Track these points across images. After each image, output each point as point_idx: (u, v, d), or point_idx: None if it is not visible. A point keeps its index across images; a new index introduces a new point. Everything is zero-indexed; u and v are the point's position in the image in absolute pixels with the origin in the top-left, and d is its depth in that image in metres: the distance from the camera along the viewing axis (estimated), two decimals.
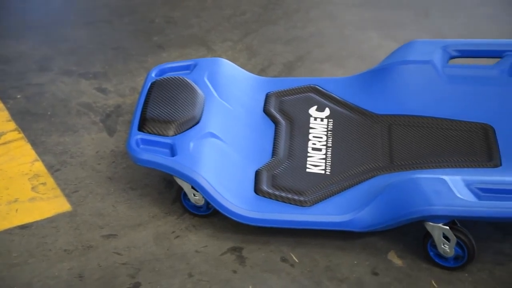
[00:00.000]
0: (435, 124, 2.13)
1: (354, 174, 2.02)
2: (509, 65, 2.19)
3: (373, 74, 2.26)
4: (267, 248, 1.97)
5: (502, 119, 2.10)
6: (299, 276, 1.90)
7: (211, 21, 2.81)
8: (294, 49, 2.68)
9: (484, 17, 2.75)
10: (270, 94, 2.28)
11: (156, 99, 2.13)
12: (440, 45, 2.24)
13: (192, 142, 2.03)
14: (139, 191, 2.14)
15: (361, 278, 1.89)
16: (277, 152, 2.09)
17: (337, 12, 2.84)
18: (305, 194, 1.98)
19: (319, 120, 2.19)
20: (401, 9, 2.82)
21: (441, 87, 2.19)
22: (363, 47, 2.67)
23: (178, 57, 2.65)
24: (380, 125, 2.15)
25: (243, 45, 2.70)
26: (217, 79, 2.24)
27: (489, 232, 1.97)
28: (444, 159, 2.03)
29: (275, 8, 2.88)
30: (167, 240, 2.00)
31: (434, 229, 1.85)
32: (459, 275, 1.87)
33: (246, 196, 1.98)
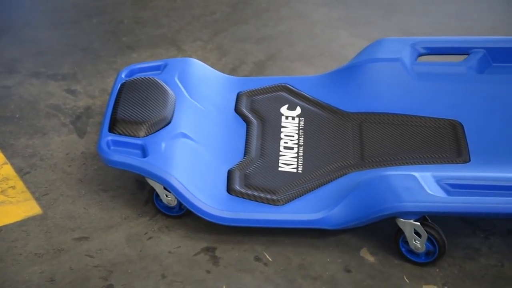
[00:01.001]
0: (405, 121, 2.15)
1: (325, 172, 2.03)
2: (476, 62, 2.22)
3: (343, 72, 2.27)
4: (241, 247, 1.97)
5: (470, 115, 2.13)
6: (272, 275, 1.91)
7: (181, 21, 2.80)
8: (264, 48, 2.68)
9: (451, 14, 2.78)
10: (241, 94, 2.28)
11: (126, 100, 2.11)
12: (408, 42, 2.26)
13: (163, 142, 2.02)
14: (111, 193, 2.13)
15: (334, 276, 1.90)
16: (249, 151, 2.09)
17: (306, 11, 2.85)
18: (277, 193, 1.98)
19: (291, 119, 2.20)
20: (369, 8, 2.84)
21: (410, 84, 2.21)
22: (333, 45, 2.68)
23: (148, 57, 2.63)
24: (351, 123, 2.17)
25: (214, 45, 2.69)
26: (188, 79, 2.24)
27: (460, 227, 2.00)
28: (414, 155, 2.04)
29: (245, 7, 2.88)
30: (139, 241, 1.99)
31: (406, 225, 1.87)
32: (430, 271, 1.89)
33: (218, 196, 1.98)
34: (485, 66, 2.23)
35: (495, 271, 1.89)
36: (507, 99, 2.16)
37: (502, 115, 2.13)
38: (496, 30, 2.68)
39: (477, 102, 2.16)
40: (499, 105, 2.15)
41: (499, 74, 2.21)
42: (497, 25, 2.72)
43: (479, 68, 2.22)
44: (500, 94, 2.17)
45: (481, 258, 1.91)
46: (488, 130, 2.09)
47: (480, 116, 2.13)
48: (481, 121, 2.11)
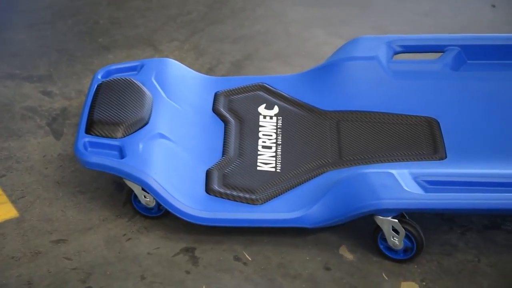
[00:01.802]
0: (382, 119, 2.16)
1: (304, 171, 2.04)
2: (451, 59, 2.24)
3: (320, 71, 2.28)
4: (220, 247, 1.97)
5: (446, 112, 2.15)
6: (252, 274, 1.91)
7: (157, 21, 2.79)
8: (241, 47, 2.68)
9: (426, 12, 2.81)
10: (218, 93, 2.27)
11: (103, 101, 2.10)
12: (384, 41, 2.27)
13: (141, 143, 2.01)
14: (89, 195, 2.12)
15: (314, 274, 1.90)
16: (227, 151, 2.09)
17: (282, 10, 2.86)
18: (256, 192, 1.98)
19: (268, 118, 2.20)
20: (345, 6, 2.86)
21: (386, 82, 2.22)
22: (309, 44, 2.69)
23: (125, 58, 2.62)
24: (328, 121, 2.18)
25: (190, 45, 2.69)
26: (165, 80, 2.23)
27: (437, 223, 2.01)
28: (392, 153, 2.06)
29: (221, 7, 2.88)
30: (118, 243, 1.98)
31: (384, 222, 1.88)
32: (408, 267, 1.91)
33: (197, 196, 1.97)
34: (460, 64, 2.25)
35: (472, 266, 1.91)
36: (482, 96, 2.18)
37: (477, 111, 2.15)
38: (470, 28, 2.71)
39: (453, 99, 2.18)
40: (474, 101, 2.17)
41: (473, 71, 2.23)
42: (471, 23, 2.75)
43: (454, 66, 2.24)
44: (475, 91, 2.20)
45: (458, 254, 1.93)
46: (463, 127, 2.11)
47: (455, 113, 2.15)
48: (456, 118, 2.14)
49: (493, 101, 2.17)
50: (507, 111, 2.14)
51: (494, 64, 2.23)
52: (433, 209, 1.87)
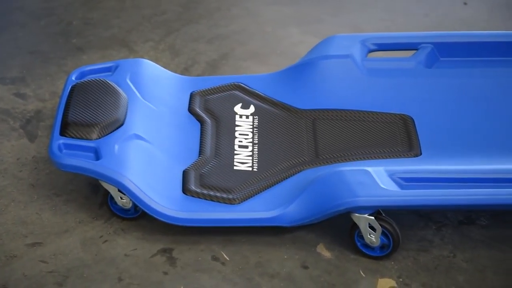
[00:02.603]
0: (357, 117, 2.17)
1: (281, 170, 2.04)
2: (425, 57, 2.26)
3: (295, 70, 2.29)
4: (198, 247, 1.97)
5: (420, 109, 2.17)
6: (230, 274, 1.91)
7: (131, 22, 2.78)
8: (217, 47, 2.68)
9: (399, 11, 2.83)
10: (194, 93, 2.27)
11: (77, 102, 2.09)
12: (358, 39, 2.29)
13: (116, 144, 2.00)
14: (64, 197, 2.10)
15: (292, 272, 1.91)
16: (204, 151, 2.09)
17: (257, 9, 2.86)
18: (233, 192, 1.98)
19: (245, 118, 2.20)
20: (319, 5, 2.87)
21: (361, 81, 2.24)
22: (284, 43, 2.69)
23: (99, 59, 2.60)
24: (304, 120, 2.18)
25: (165, 45, 2.68)
26: (140, 80, 2.22)
27: (413, 220, 2.03)
28: (367, 150, 2.07)
29: (196, 7, 2.87)
30: (95, 245, 1.97)
31: (360, 220, 1.89)
32: (385, 264, 1.92)
33: (174, 197, 1.97)
34: (433, 61, 2.27)
35: (448, 261, 1.92)
36: (455, 93, 2.21)
37: (451, 108, 2.17)
38: (443, 26, 2.73)
39: (427, 96, 2.20)
40: (447, 98, 2.20)
41: (446, 68, 2.25)
42: (444, 21, 2.77)
43: (428, 63, 2.26)
44: (448, 87, 2.22)
45: (434, 250, 1.95)
46: (437, 124, 2.13)
47: (429, 110, 2.17)
48: (430, 114, 2.16)
49: (466, 98, 2.19)
50: (480, 107, 2.17)
51: (466, 61, 2.26)
52: (409, 205, 1.88)
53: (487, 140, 2.07)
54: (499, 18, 2.78)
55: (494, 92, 2.20)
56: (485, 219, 2.03)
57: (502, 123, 2.11)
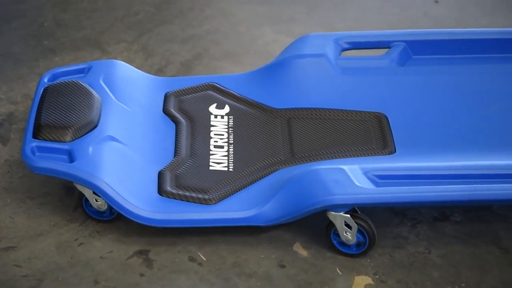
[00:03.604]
0: (332, 116, 2.18)
1: (256, 169, 2.04)
2: (397, 55, 2.28)
3: (269, 70, 2.29)
4: (174, 248, 1.96)
5: (394, 107, 2.19)
6: (207, 274, 1.90)
7: (104, 23, 2.76)
8: (191, 47, 2.67)
9: (372, 9, 2.85)
10: (169, 94, 2.26)
11: (50, 104, 2.07)
12: (332, 38, 2.30)
13: (91, 146, 1.99)
14: (38, 200, 2.08)
15: (269, 272, 1.91)
16: (179, 151, 2.08)
17: (231, 9, 2.86)
18: (209, 192, 1.98)
19: (220, 118, 2.20)
20: (292, 4, 2.88)
21: (335, 79, 2.25)
22: (258, 43, 2.70)
23: (72, 60, 2.58)
24: (279, 119, 2.19)
25: (139, 46, 2.67)
26: (113, 82, 2.21)
27: (388, 217, 2.04)
28: (342, 149, 2.08)
29: (169, 7, 2.86)
30: (70, 248, 1.95)
31: (336, 218, 1.90)
32: (361, 261, 1.93)
33: (150, 198, 1.96)
34: (406, 59, 2.29)
35: (423, 258, 1.94)
36: (427, 90, 2.23)
37: (424, 105, 2.19)
38: (415, 24, 2.76)
39: (400, 94, 2.22)
40: (420, 96, 2.22)
41: (419, 66, 2.27)
42: (416, 19, 2.80)
43: (400, 61, 2.28)
44: (421, 85, 2.24)
45: (409, 246, 1.96)
46: (411, 121, 2.15)
47: (403, 108, 2.19)
48: (404, 112, 2.17)
49: (439, 95, 2.21)
50: (453, 104, 2.19)
51: (438, 59, 2.28)
52: (384, 203, 1.90)
53: (460, 136, 2.09)
54: (470, 16, 2.81)
55: (466, 88, 2.22)
56: (459, 215, 2.05)
57: (475, 120, 2.14)
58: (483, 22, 2.77)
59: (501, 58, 2.28)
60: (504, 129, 2.10)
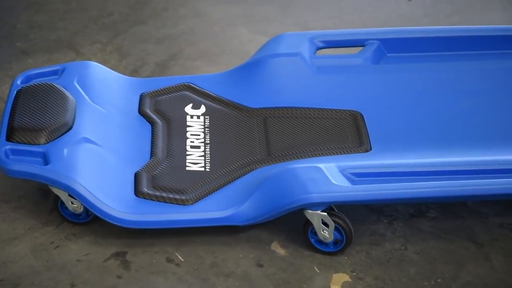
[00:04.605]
0: (308, 114, 2.19)
1: (233, 169, 2.04)
2: (371, 53, 2.29)
3: (245, 69, 2.29)
4: (152, 250, 1.95)
5: (369, 105, 2.20)
6: (185, 275, 1.90)
7: (78, 24, 2.74)
8: (166, 48, 2.66)
9: (346, 8, 2.86)
10: (144, 95, 2.25)
11: (23, 107, 2.05)
12: (306, 37, 2.30)
13: (65, 148, 1.97)
14: (13, 204, 2.06)
15: (247, 271, 1.91)
16: (156, 152, 2.07)
17: (205, 9, 2.86)
18: (186, 193, 1.97)
19: (196, 118, 2.20)
20: (267, 4, 2.88)
21: (310, 78, 2.26)
22: (233, 42, 2.70)
23: (46, 62, 2.56)
24: (255, 118, 2.19)
25: (113, 47, 2.65)
26: (88, 83, 2.19)
27: (365, 215, 2.06)
28: (319, 147, 2.09)
29: (143, 7, 2.85)
30: (46, 251, 1.94)
31: (313, 216, 1.91)
32: (339, 259, 1.94)
33: (126, 200, 1.95)
34: (380, 57, 2.31)
35: (399, 254, 1.96)
36: (402, 88, 2.24)
37: (399, 103, 2.21)
38: (389, 22, 2.78)
39: (375, 92, 2.23)
40: (395, 93, 2.23)
41: (393, 64, 2.29)
42: (390, 17, 2.82)
43: (375, 59, 2.30)
44: (395, 83, 2.25)
45: (386, 243, 1.98)
46: (386, 119, 2.16)
47: (378, 106, 2.20)
48: (379, 110, 2.19)
49: (413, 92, 2.23)
50: (427, 102, 2.21)
51: (412, 56, 2.30)
52: (361, 200, 1.91)
53: (435, 133, 2.11)
54: (442, 13, 2.84)
55: (440, 85, 2.24)
56: (435, 211, 2.07)
57: (449, 116, 2.16)
58: (455, 20, 2.79)
59: (473, 55, 2.30)
60: (477, 125, 2.13)
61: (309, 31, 2.40)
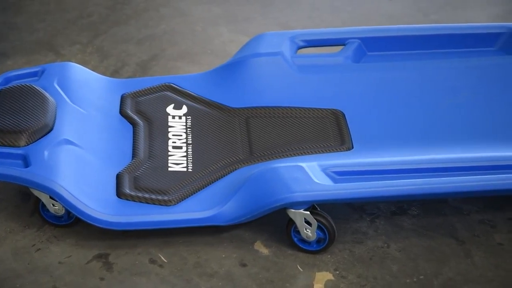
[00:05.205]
0: (290, 114, 2.19)
1: (216, 169, 2.04)
2: (352, 52, 2.30)
3: (226, 69, 2.29)
4: (135, 251, 1.95)
5: (350, 104, 2.21)
6: (168, 276, 1.89)
7: (57, 25, 2.73)
8: (147, 48, 2.66)
9: (326, 8, 2.87)
10: (125, 96, 2.24)
11: (3, 109, 2.03)
12: (287, 36, 2.31)
13: (46, 150, 1.96)
14: None
15: (230, 271, 1.91)
16: (137, 153, 2.07)
17: (186, 9, 2.85)
18: (168, 193, 1.97)
19: (177, 118, 2.19)
20: (248, 4, 2.88)
21: (292, 77, 2.26)
22: (215, 42, 2.70)
23: (25, 64, 2.54)
24: (237, 118, 2.19)
25: (93, 48, 2.64)
26: (68, 84, 2.18)
27: (347, 213, 2.06)
28: (301, 146, 2.09)
29: (124, 8, 2.84)
30: (27, 254, 1.92)
31: (296, 215, 1.91)
32: (322, 257, 1.95)
33: (108, 201, 1.94)
34: (361, 56, 2.31)
35: (382, 252, 1.97)
36: (383, 86, 2.25)
37: (380, 101, 2.22)
38: (369, 21, 2.79)
39: (356, 91, 2.24)
40: (375, 92, 2.24)
41: (374, 63, 2.30)
42: (370, 16, 2.83)
43: (355, 58, 2.30)
44: (376, 81, 2.26)
45: (369, 241, 1.99)
46: (368, 117, 2.17)
47: (359, 104, 2.21)
48: (360, 108, 2.20)
49: (394, 91, 2.24)
50: (408, 100, 2.22)
51: (392, 55, 2.31)
52: (343, 199, 1.91)
53: (416, 131, 2.12)
54: (422, 12, 2.86)
55: (420, 83, 2.26)
56: (416, 209, 2.08)
57: (430, 114, 2.17)
58: (434, 18, 2.81)
59: (453, 53, 2.32)
60: (458, 122, 2.14)
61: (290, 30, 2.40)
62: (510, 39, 2.31)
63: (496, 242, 1.97)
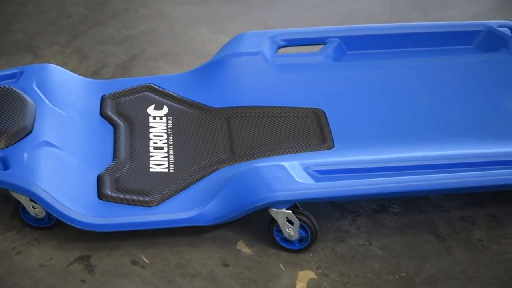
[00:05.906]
0: (271, 113, 2.19)
1: (197, 169, 2.04)
2: (332, 50, 2.31)
3: (207, 69, 2.29)
4: (117, 252, 1.94)
5: (331, 103, 2.21)
6: (150, 277, 1.89)
7: (36, 26, 2.71)
8: (127, 49, 2.64)
9: (306, 7, 2.88)
10: (105, 97, 2.23)
11: None
12: (267, 35, 2.31)
13: (26, 153, 1.95)
14: None
15: (213, 271, 1.91)
16: (118, 154, 2.06)
17: (166, 9, 2.84)
18: (150, 194, 1.96)
19: (158, 119, 2.19)
20: (227, 3, 2.88)
21: (272, 77, 2.26)
22: (195, 42, 2.69)
23: (3, 65, 2.52)
24: (218, 118, 2.19)
25: (73, 49, 2.62)
26: (47, 86, 2.16)
27: (329, 211, 2.07)
28: (282, 145, 2.10)
29: (103, 8, 2.82)
30: (7, 257, 1.91)
31: (278, 214, 1.91)
32: (305, 256, 1.95)
33: (89, 203, 1.93)
34: (341, 54, 2.32)
35: (364, 250, 1.97)
36: (363, 84, 2.27)
37: (360, 100, 2.23)
38: (349, 20, 2.80)
39: (336, 89, 2.25)
40: (356, 90, 2.25)
41: (354, 61, 2.31)
42: (350, 15, 2.84)
43: (335, 57, 2.31)
44: (356, 80, 2.27)
45: (351, 239, 1.99)
46: (348, 116, 2.18)
47: (340, 103, 2.22)
48: (341, 107, 2.20)
49: (374, 89, 2.25)
50: (388, 98, 2.23)
51: (372, 53, 2.32)
52: (324, 197, 1.92)
53: (397, 129, 2.14)
54: (401, 11, 2.87)
55: (401, 82, 2.27)
56: (397, 206, 2.09)
57: (410, 112, 2.19)
58: (414, 16, 2.83)
59: (432, 51, 2.34)
60: (438, 120, 2.16)
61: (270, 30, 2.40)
62: (487, 37, 2.33)
63: (476, 238, 1.99)
